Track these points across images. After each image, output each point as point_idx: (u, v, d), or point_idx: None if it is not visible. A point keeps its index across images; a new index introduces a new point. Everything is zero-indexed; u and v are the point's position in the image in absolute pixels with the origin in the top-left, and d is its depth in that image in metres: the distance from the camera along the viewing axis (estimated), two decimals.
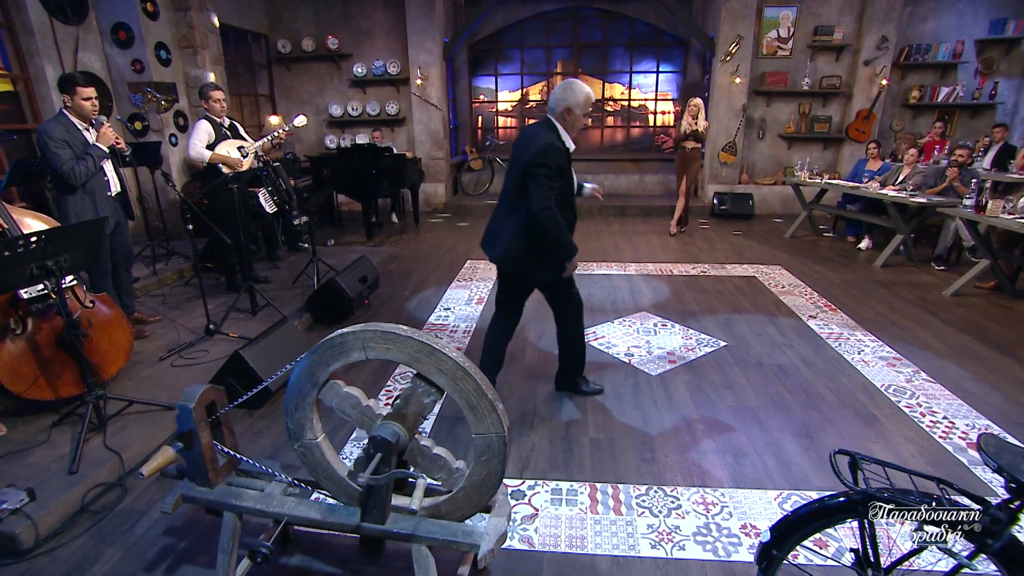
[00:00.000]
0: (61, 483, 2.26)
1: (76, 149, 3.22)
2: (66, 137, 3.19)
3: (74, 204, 3.30)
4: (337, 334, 1.40)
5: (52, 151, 3.13)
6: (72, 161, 3.18)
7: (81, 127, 3.29)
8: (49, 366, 2.64)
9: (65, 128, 3.21)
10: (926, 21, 7.78)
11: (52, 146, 3.13)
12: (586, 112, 2.61)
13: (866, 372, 3.46)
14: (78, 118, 3.28)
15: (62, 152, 3.15)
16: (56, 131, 3.16)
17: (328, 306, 4.06)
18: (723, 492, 2.40)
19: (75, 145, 3.23)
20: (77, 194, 3.29)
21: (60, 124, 3.20)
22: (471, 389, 1.39)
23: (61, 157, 3.14)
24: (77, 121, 3.28)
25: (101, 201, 3.40)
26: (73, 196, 3.29)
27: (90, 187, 3.33)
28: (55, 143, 3.14)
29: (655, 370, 3.48)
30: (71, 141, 3.21)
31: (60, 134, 3.16)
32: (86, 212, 3.32)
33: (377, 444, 1.41)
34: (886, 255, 5.72)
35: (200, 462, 1.59)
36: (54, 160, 3.13)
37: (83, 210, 3.32)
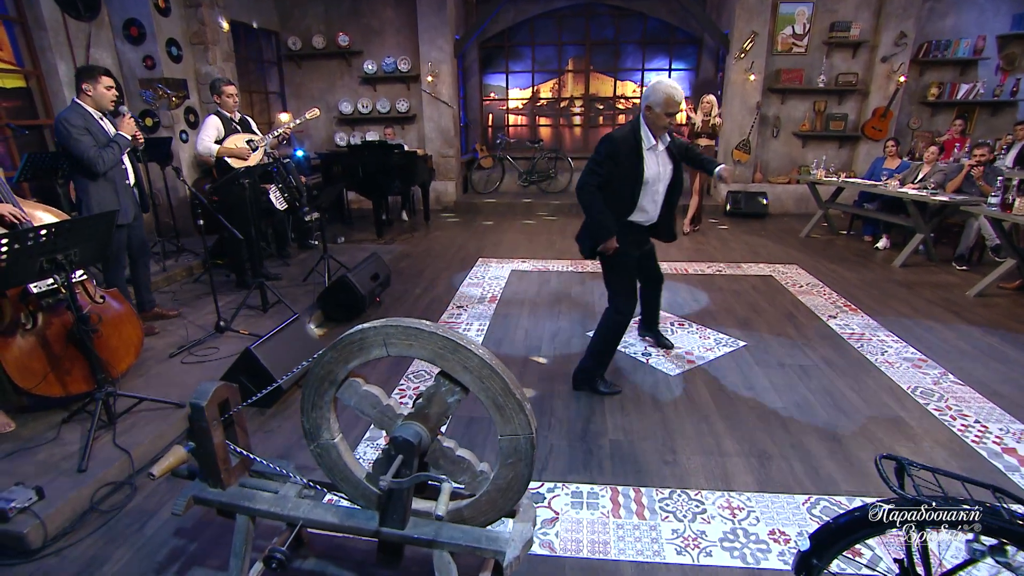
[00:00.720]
0: (70, 481, 2.21)
1: (97, 137, 3.23)
2: (86, 125, 3.19)
3: (96, 193, 3.30)
4: (357, 330, 1.34)
5: (75, 137, 3.12)
6: (96, 147, 3.18)
7: (97, 116, 3.29)
8: (59, 362, 2.60)
9: (82, 116, 3.20)
10: (946, 16, 7.63)
11: (75, 132, 3.12)
12: (668, 111, 2.77)
13: (891, 373, 3.36)
14: (95, 108, 3.28)
15: (84, 139, 3.15)
16: (75, 119, 3.15)
17: (340, 303, 4.01)
18: (749, 496, 2.32)
19: (95, 133, 3.23)
20: (99, 183, 3.28)
21: (77, 113, 3.20)
22: (498, 388, 1.32)
23: (84, 143, 3.14)
24: (93, 111, 3.27)
25: (122, 190, 3.41)
26: (95, 185, 3.28)
27: (111, 176, 3.33)
28: (77, 130, 3.13)
29: (674, 370, 3.40)
30: (91, 129, 3.21)
31: (79, 122, 3.17)
32: (108, 201, 3.33)
33: (398, 445, 1.34)
34: (906, 254, 5.60)
35: (212, 462, 1.53)
36: (77, 146, 3.12)
37: (105, 199, 3.32)
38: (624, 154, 2.83)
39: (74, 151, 3.14)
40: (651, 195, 2.99)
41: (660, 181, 2.99)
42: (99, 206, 3.29)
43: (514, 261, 5.78)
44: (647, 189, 2.94)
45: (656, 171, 2.94)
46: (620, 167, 2.84)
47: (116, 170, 3.37)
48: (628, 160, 2.84)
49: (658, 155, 2.94)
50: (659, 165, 2.95)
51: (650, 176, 2.91)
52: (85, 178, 3.28)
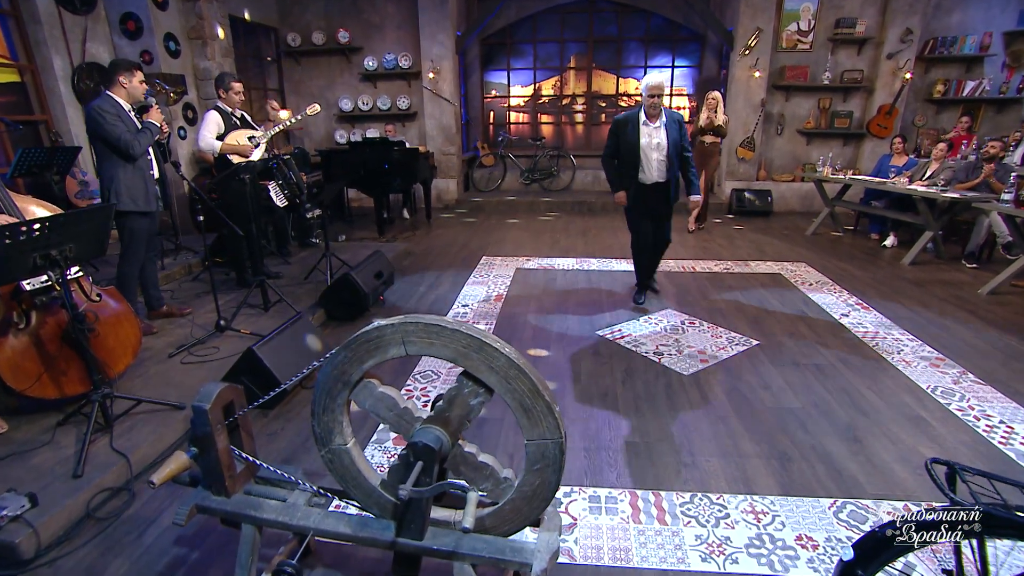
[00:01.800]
0: (65, 488, 2.12)
1: (128, 125, 3.31)
2: (118, 113, 3.26)
3: (127, 179, 3.36)
4: (373, 327, 1.24)
5: (110, 123, 3.21)
6: (131, 133, 3.28)
7: (126, 107, 3.36)
8: (53, 362, 2.50)
9: (114, 106, 3.27)
10: (952, 13, 7.56)
11: (110, 118, 3.21)
12: (650, 95, 3.78)
13: (909, 373, 3.28)
14: (126, 100, 3.36)
15: (119, 124, 3.25)
16: (109, 107, 3.24)
17: (343, 302, 3.91)
18: (772, 500, 2.23)
19: (125, 121, 3.31)
20: (129, 171, 3.36)
21: (109, 103, 3.27)
22: (525, 389, 1.23)
23: (120, 128, 3.24)
24: (122, 101, 3.33)
25: (148, 179, 3.50)
26: (126, 172, 3.36)
27: (140, 164, 3.42)
28: (112, 116, 3.22)
29: (687, 369, 3.31)
30: (122, 117, 3.29)
31: (113, 110, 3.25)
32: (138, 188, 3.40)
33: (418, 451, 1.25)
34: (915, 252, 5.53)
35: (216, 469, 1.44)
36: (113, 131, 3.21)
37: (135, 186, 3.40)
38: (625, 128, 3.94)
39: (110, 136, 3.22)
40: (647, 159, 3.95)
41: (652, 149, 3.92)
42: (128, 192, 3.36)
43: (519, 259, 5.69)
44: (643, 153, 3.93)
45: (647, 140, 3.90)
46: (624, 137, 3.94)
47: (144, 159, 3.44)
48: (628, 132, 3.92)
49: (652, 129, 3.89)
50: (650, 137, 3.90)
51: (643, 144, 3.91)
52: (116, 165, 3.34)
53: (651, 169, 3.95)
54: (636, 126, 3.87)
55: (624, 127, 3.92)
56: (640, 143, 3.88)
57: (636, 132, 3.87)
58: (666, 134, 3.86)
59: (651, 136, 3.87)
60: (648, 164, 3.94)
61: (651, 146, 3.89)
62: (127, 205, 3.35)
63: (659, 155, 3.91)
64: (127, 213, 3.38)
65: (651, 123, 3.85)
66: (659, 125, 3.85)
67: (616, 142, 3.97)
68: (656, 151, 3.90)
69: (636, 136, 3.87)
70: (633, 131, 3.88)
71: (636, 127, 3.87)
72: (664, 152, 3.89)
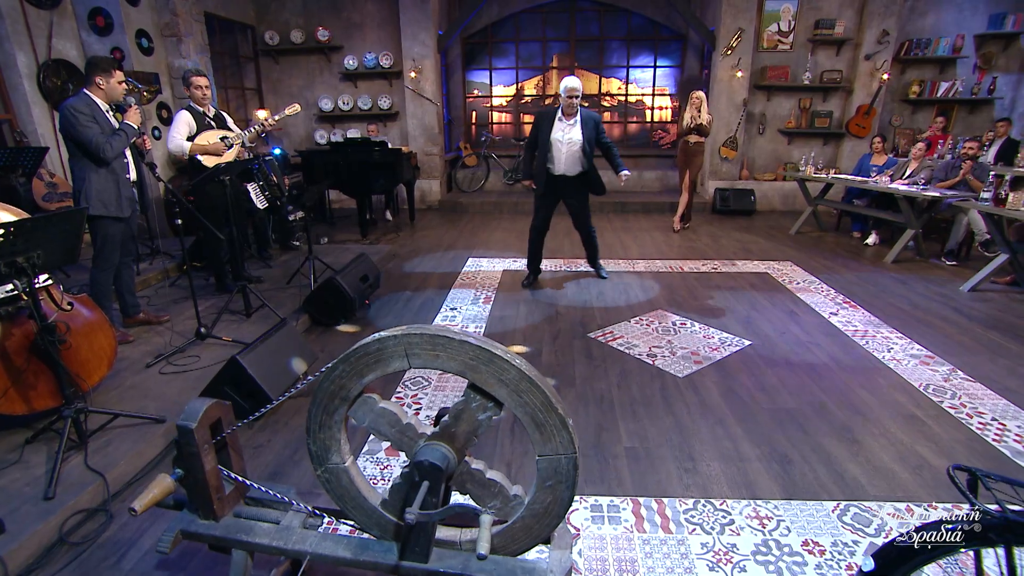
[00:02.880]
0: (35, 511, 1.98)
1: (103, 127, 3.16)
2: (92, 114, 3.12)
3: (98, 183, 3.21)
4: (374, 339, 1.16)
5: (84, 124, 3.08)
6: (104, 135, 3.13)
7: (104, 108, 3.22)
8: (21, 376, 2.35)
9: (89, 106, 3.14)
10: (926, 15, 7.71)
11: (82, 119, 3.07)
12: (567, 96, 4.28)
13: (900, 371, 3.29)
14: (103, 99, 3.22)
15: (92, 126, 3.10)
16: (82, 107, 3.10)
17: (328, 306, 3.80)
18: (776, 505, 2.20)
19: (101, 123, 3.16)
20: (102, 173, 3.22)
21: (84, 102, 3.14)
22: (538, 403, 1.16)
23: (92, 130, 3.10)
24: (100, 102, 3.21)
25: (123, 183, 3.34)
26: (98, 175, 3.21)
27: (114, 167, 3.27)
28: (84, 117, 3.09)
29: (681, 371, 3.28)
30: (97, 119, 3.15)
31: (87, 110, 3.11)
32: (109, 192, 3.26)
33: (424, 470, 1.17)
34: (897, 250, 5.60)
35: (204, 492, 1.34)
36: (85, 132, 3.08)
37: (106, 190, 3.25)
38: (543, 122, 4.41)
39: (82, 137, 3.08)
40: (558, 151, 4.37)
41: (563, 143, 4.35)
42: (98, 196, 3.21)
43: (505, 260, 5.62)
44: (555, 145, 4.37)
45: (560, 136, 4.34)
46: (541, 131, 4.40)
47: (118, 162, 3.30)
48: (545, 126, 4.38)
49: (566, 125, 4.33)
50: (563, 132, 4.34)
51: (554, 137, 4.36)
52: (88, 167, 3.19)
53: (560, 161, 4.38)
54: (551, 122, 4.34)
55: (542, 121, 4.40)
56: (552, 137, 4.33)
57: (550, 127, 4.33)
58: (581, 130, 4.29)
59: (564, 132, 4.31)
60: (559, 156, 4.36)
61: (563, 140, 4.32)
62: (98, 209, 3.20)
63: (570, 149, 4.33)
64: (99, 218, 3.24)
65: (566, 120, 4.31)
66: (574, 123, 4.30)
67: (535, 134, 4.44)
68: (567, 145, 4.32)
69: (549, 130, 4.33)
70: (548, 126, 4.34)
71: (551, 122, 4.34)
72: (578, 146, 4.31)
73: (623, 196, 8.52)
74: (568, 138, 4.30)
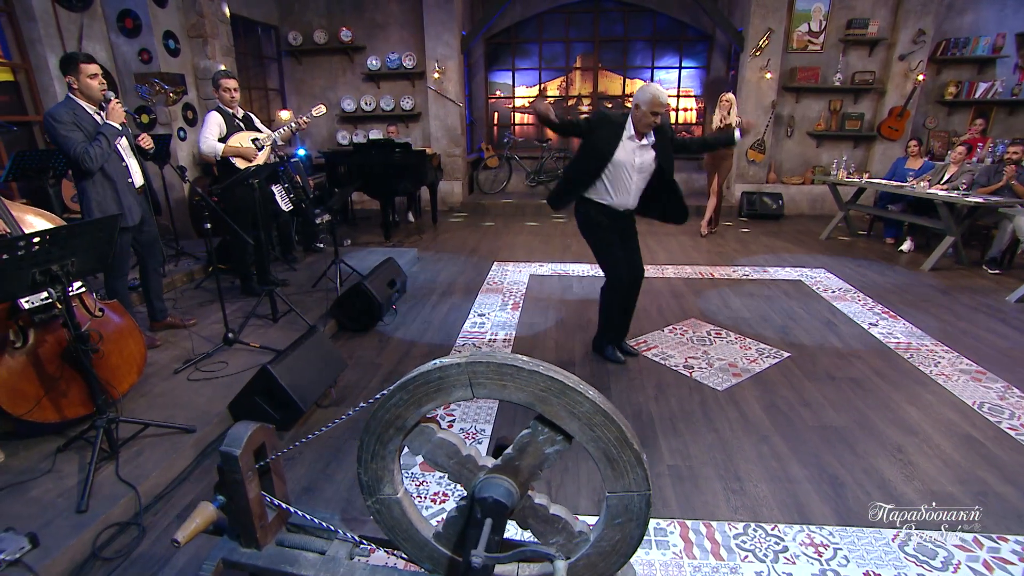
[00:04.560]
0: (68, 524, 1.94)
1: (88, 132, 2.97)
2: (75, 120, 2.93)
3: (95, 194, 3.05)
4: (435, 367, 1.08)
5: (62, 135, 2.88)
6: (85, 143, 2.93)
7: (91, 110, 3.04)
8: (54, 384, 2.32)
9: (73, 111, 2.94)
10: (965, 13, 7.47)
11: (62, 130, 2.88)
12: (652, 111, 2.93)
13: (950, 387, 3.14)
14: (87, 100, 3.02)
15: (73, 135, 2.90)
16: (63, 115, 2.89)
17: (355, 312, 3.74)
18: (831, 531, 2.08)
19: (86, 128, 2.97)
20: (96, 181, 3.04)
21: (67, 108, 2.95)
22: (612, 438, 1.07)
23: (72, 140, 2.90)
24: (86, 104, 3.02)
25: (123, 190, 3.14)
26: (93, 184, 3.04)
27: (109, 174, 3.08)
28: (64, 126, 2.88)
29: (720, 384, 3.17)
30: (81, 124, 2.95)
31: (68, 117, 2.90)
32: (108, 202, 3.09)
33: (488, 508, 1.08)
34: (936, 257, 5.41)
35: (247, 520, 1.27)
36: (65, 143, 2.89)
37: (105, 200, 3.08)
38: (605, 129, 3.05)
39: (63, 148, 2.91)
40: (620, 178, 3.11)
41: (631, 169, 3.08)
42: (99, 207, 3.05)
43: (531, 265, 5.53)
44: (615, 170, 3.08)
45: (628, 158, 3.06)
46: (595, 137, 3.07)
47: (115, 169, 3.10)
48: (605, 135, 3.04)
49: (636, 146, 3.05)
50: (633, 155, 3.06)
51: (619, 158, 3.05)
52: (81, 177, 3.03)
53: (628, 193, 3.13)
54: (617, 137, 3.01)
55: (604, 129, 3.04)
56: (617, 158, 3.03)
57: (615, 143, 3.01)
58: (657, 156, 3.08)
59: (635, 154, 3.04)
60: (624, 185, 3.10)
61: (634, 165, 3.06)
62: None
63: (641, 177, 3.13)
64: None
65: (638, 139, 3.02)
66: (647, 144, 3.04)
67: (586, 132, 3.09)
68: (639, 173, 3.09)
69: (613, 145, 3.01)
70: (611, 141, 3.01)
71: (616, 138, 3.01)
72: (649, 174, 3.14)
73: None
74: (640, 163, 3.06)
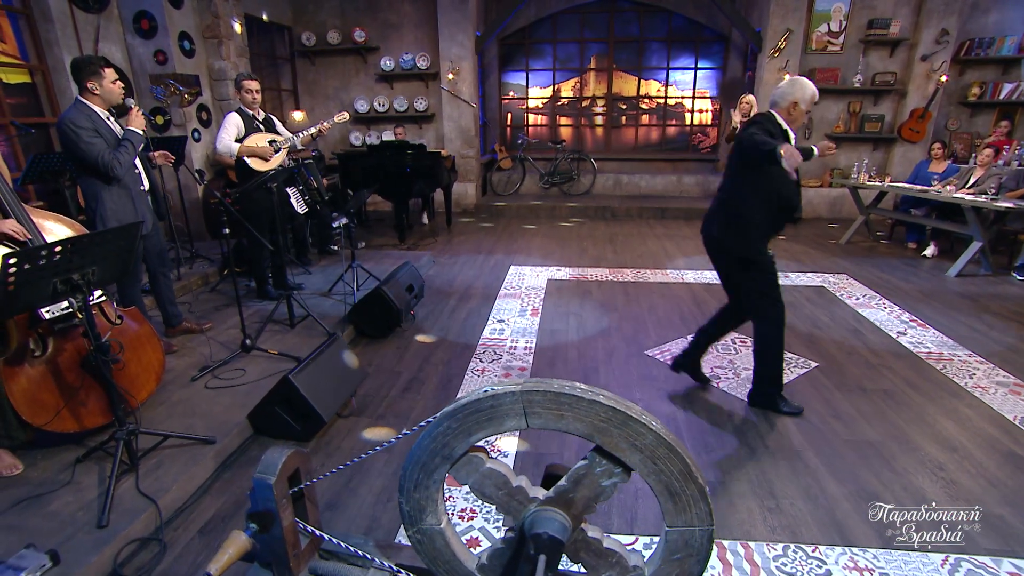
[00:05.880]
0: (89, 540, 1.89)
1: (106, 138, 2.89)
2: (94, 126, 2.85)
3: (111, 201, 2.98)
4: (487, 394, 1.01)
5: (86, 141, 2.79)
6: (110, 149, 2.86)
7: (103, 115, 2.95)
8: (73, 393, 2.27)
9: (89, 117, 2.86)
10: (989, 13, 7.32)
11: (85, 136, 2.79)
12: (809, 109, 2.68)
13: (988, 401, 3.04)
14: (101, 105, 2.94)
15: (96, 141, 2.82)
16: (83, 121, 2.81)
17: (374, 318, 3.68)
18: (875, 554, 2.00)
19: (104, 133, 2.89)
20: (113, 190, 2.97)
21: (83, 114, 2.85)
22: (675, 471, 1.00)
23: (96, 146, 2.81)
24: (98, 109, 2.93)
25: (137, 196, 3.09)
26: (109, 192, 2.96)
27: (126, 182, 3.01)
28: (86, 132, 2.80)
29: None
30: (100, 129, 2.87)
31: (88, 123, 2.82)
32: (125, 210, 3.02)
33: (542, 544, 1.02)
34: (962, 264, 5.28)
35: (280, 548, 1.21)
36: (90, 150, 2.80)
37: (122, 207, 3.02)
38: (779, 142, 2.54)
39: (87, 156, 2.81)
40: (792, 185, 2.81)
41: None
42: (114, 215, 2.98)
43: (548, 269, 5.45)
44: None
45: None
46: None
47: (129, 175, 3.04)
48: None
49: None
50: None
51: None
52: (97, 184, 2.95)
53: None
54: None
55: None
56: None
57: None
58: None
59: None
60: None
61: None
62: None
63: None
64: None
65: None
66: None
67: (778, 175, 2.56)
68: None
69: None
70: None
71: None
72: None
73: (663, 201, 8.30)
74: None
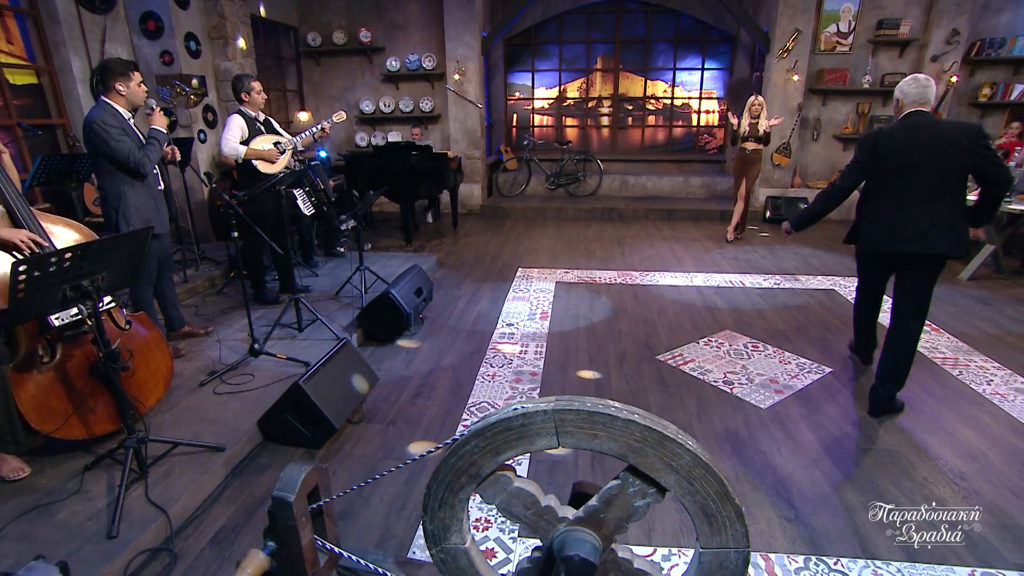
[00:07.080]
0: (99, 551, 1.86)
1: (132, 137, 2.96)
2: (122, 126, 2.92)
3: (136, 200, 3.03)
4: (517, 412, 0.98)
5: (116, 139, 2.86)
6: (138, 148, 2.94)
7: (127, 115, 3.01)
8: (82, 400, 2.25)
9: (115, 116, 2.92)
10: (1001, 13, 7.24)
11: (115, 133, 2.86)
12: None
13: (1008, 408, 2.99)
14: (125, 106, 3.00)
15: (124, 140, 2.90)
16: (111, 120, 2.89)
17: (382, 321, 3.65)
18: (898, 567, 1.95)
19: (131, 134, 2.96)
20: (138, 189, 3.04)
21: (110, 114, 2.91)
22: (712, 492, 0.96)
23: (125, 145, 2.89)
24: (122, 109, 2.99)
25: (159, 197, 3.17)
26: (135, 191, 3.03)
27: (149, 180, 3.08)
28: (116, 130, 2.87)
29: (763, 402, 3.04)
30: (125, 129, 2.94)
31: (115, 123, 2.89)
32: (148, 208, 3.10)
33: (573, 567, 0.98)
34: (974, 267, 5.22)
35: (299, 567, 1.18)
36: (120, 148, 2.87)
37: (145, 206, 3.09)
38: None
39: (118, 154, 2.88)
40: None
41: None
42: (138, 214, 3.04)
43: (556, 271, 5.41)
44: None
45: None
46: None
47: (151, 174, 3.12)
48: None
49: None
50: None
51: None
52: (123, 184, 3.00)
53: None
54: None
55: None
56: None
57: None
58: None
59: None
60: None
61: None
62: (138, 227, 3.06)
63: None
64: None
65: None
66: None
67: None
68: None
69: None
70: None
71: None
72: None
73: (670, 203, 8.25)
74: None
